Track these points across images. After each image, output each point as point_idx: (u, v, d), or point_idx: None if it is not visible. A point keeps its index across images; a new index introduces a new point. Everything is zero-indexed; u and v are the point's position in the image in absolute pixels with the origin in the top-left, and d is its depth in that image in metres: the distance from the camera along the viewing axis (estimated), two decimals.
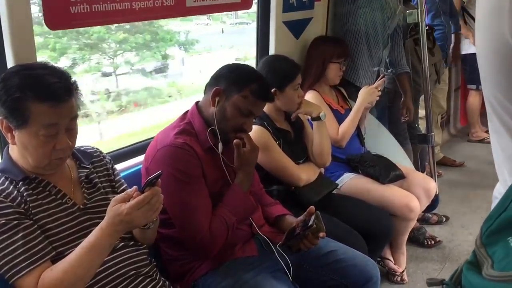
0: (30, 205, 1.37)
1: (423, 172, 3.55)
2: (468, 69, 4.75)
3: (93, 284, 1.40)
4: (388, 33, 3.10)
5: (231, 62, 1.90)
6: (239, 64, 1.91)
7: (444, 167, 4.38)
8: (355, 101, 2.76)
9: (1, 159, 1.50)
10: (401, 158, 2.97)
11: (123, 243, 1.50)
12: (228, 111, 1.78)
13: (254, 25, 2.80)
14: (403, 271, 2.81)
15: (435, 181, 2.98)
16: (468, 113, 5.05)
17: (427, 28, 3.41)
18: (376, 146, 2.95)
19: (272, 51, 2.77)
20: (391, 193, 2.58)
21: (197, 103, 1.88)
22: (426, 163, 3.66)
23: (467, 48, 4.59)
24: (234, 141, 1.80)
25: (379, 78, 2.77)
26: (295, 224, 1.85)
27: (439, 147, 4.52)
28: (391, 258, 2.83)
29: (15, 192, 1.37)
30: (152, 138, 1.90)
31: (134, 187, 1.34)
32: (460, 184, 4.13)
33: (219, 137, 1.78)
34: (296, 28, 2.90)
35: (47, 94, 1.32)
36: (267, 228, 1.93)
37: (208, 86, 1.84)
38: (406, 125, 3.44)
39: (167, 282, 1.61)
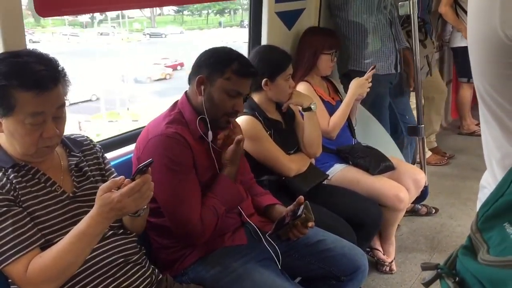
0: (19, 192, 1.37)
1: (413, 163, 3.58)
2: (459, 62, 4.77)
3: (82, 272, 1.41)
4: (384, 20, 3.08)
5: (208, 48, 1.88)
6: (216, 48, 1.88)
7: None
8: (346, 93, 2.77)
9: None
10: (391, 150, 2.99)
11: (112, 232, 1.50)
12: (216, 97, 1.78)
13: (170, 37, 2.78)
14: (391, 261, 2.84)
15: (425, 173, 3.00)
16: (459, 106, 5.07)
17: (419, 20, 3.42)
18: (367, 137, 2.97)
19: (264, 41, 2.77)
20: (381, 184, 2.60)
21: (186, 92, 1.88)
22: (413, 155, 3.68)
23: (458, 41, 4.61)
24: (237, 137, 1.80)
25: (370, 69, 2.78)
26: (285, 214, 1.86)
27: (435, 136, 4.54)
28: (380, 249, 2.85)
29: (4, 179, 1.37)
30: (143, 127, 1.90)
31: (121, 176, 1.34)
32: (450, 176, 4.17)
33: (209, 125, 1.78)
34: (288, 18, 2.90)
35: (32, 82, 1.30)
36: (256, 217, 1.94)
37: (191, 76, 1.84)
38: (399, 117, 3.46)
39: (156, 270, 1.62)
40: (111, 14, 8.36)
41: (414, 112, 3.60)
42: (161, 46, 9.94)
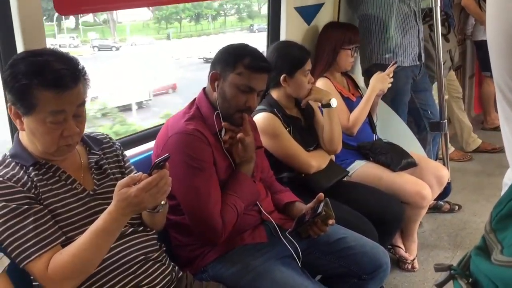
0: (40, 190, 1.38)
1: (435, 159, 3.52)
2: (483, 56, 4.68)
3: (103, 269, 1.42)
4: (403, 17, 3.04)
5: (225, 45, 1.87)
6: (231, 44, 1.87)
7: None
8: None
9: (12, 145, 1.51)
10: (413, 146, 2.95)
11: (132, 229, 1.51)
12: (227, 92, 1.77)
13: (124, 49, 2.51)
14: (414, 259, 2.80)
15: (448, 169, 2.95)
16: (483, 100, 4.98)
17: (442, 14, 3.36)
18: (388, 133, 2.93)
19: (283, 37, 2.75)
20: (403, 180, 2.56)
21: (204, 89, 1.87)
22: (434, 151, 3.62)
23: (482, 34, 4.52)
24: (238, 135, 1.78)
25: (391, 64, 2.73)
26: (305, 211, 1.85)
27: (472, 132, 4.47)
28: (402, 246, 2.82)
29: (26, 177, 1.38)
30: (162, 125, 1.90)
31: (139, 172, 1.34)
32: (473, 172, 4.09)
33: (221, 121, 1.78)
34: (307, 14, 2.87)
35: (53, 81, 1.31)
36: (276, 215, 1.93)
37: (209, 73, 1.84)
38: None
39: (176, 268, 1.62)
40: (69, 23, 6.72)
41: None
42: (116, 61, 7.13)
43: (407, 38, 3.02)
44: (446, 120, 3.21)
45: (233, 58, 1.78)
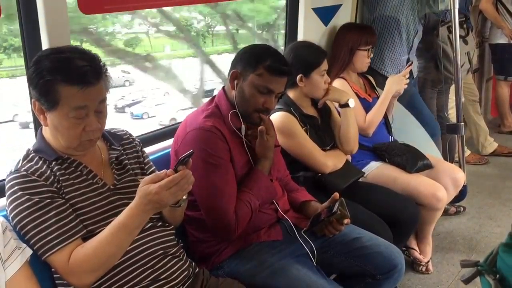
0: (63, 184, 1.41)
1: (452, 162, 3.50)
2: (497, 59, 4.65)
3: (122, 263, 1.44)
4: (418, 20, 3.05)
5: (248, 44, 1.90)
6: (254, 44, 1.91)
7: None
8: (383, 90, 2.73)
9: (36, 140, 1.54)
10: (429, 148, 2.93)
11: (151, 224, 1.53)
12: (246, 92, 1.79)
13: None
14: (428, 261, 2.79)
15: (464, 172, 2.93)
16: (498, 104, 4.94)
17: (461, 16, 3.34)
18: (404, 135, 2.92)
19: (300, 38, 2.77)
20: (418, 182, 2.55)
21: (224, 87, 1.89)
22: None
23: (498, 38, 4.49)
24: (259, 128, 1.80)
25: (407, 65, 2.73)
26: (320, 210, 1.86)
27: (488, 136, 4.44)
28: (416, 248, 2.81)
29: (48, 171, 1.41)
30: (180, 122, 1.92)
31: (164, 170, 1.36)
32: (490, 176, 4.06)
33: (241, 119, 1.79)
34: (325, 14, 2.88)
35: (76, 77, 1.34)
36: (292, 213, 1.94)
37: (229, 71, 1.86)
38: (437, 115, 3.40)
39: (193, 263, 1.64)
40: None
41: (452, 111, 3.53)
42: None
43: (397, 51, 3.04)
44: (462, 123, 3.19)
45: (254, 58, 1.80)
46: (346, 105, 2.34)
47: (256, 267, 1.74)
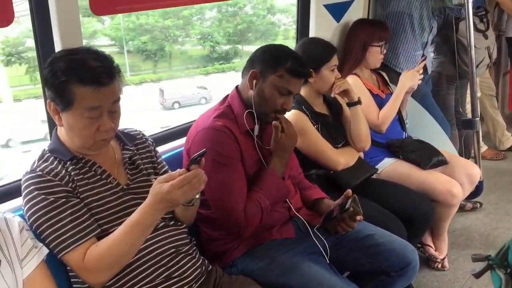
0: (77, 184, 1.44)
1: (468, 158, 3.46)
2: None
3: (136, 261, 1.46)
4: (433, 15, 3.02)
5: (265, 44, 1.90)
6: (272, 44, 1.90)
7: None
8: (396, 86, 2.72)
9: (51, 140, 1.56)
10: (443, 144, 2.91)
11: (163, 223, 1.55)
12: (267, 92, 1.79)
13: None
14: (444, 258, 2.77)
15: (479, 167, 2.90)
16: None
17: (481, 9, 3.30)
18: (418, 131, 2.90)
19: (312, 34, 2.76)
20: (433, 178, 2.53)
21: (237, 86, 1.90)
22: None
23: None
24: (273, 122, 1.80)
25: (420, 61, 2.71)
26: (333, 207, 1.85)
27: (506, 130, 4.38)
28: (432, 245, 2.79)
29: (63, 171, 1.43)
30: (193, 121, 1.94)
31: (178, 169, 1.37)
32: (507, 171, 4.00)
33: (256, 119, 1.80)
34: (337, 11, 2.86)
35: (90, 78, 1.36)
36: (304, 211, 1.94)
37: (245, 70, 1.86)
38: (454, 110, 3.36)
39: (206, 261, 1.65)
40: None
41: (469, 105, 3.49)
42: None
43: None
44: (478, 118, 3.16)
45: (275, 60, 1.79)
46: (354, 104, 2.33)
47: (269, 265, 1.75)
